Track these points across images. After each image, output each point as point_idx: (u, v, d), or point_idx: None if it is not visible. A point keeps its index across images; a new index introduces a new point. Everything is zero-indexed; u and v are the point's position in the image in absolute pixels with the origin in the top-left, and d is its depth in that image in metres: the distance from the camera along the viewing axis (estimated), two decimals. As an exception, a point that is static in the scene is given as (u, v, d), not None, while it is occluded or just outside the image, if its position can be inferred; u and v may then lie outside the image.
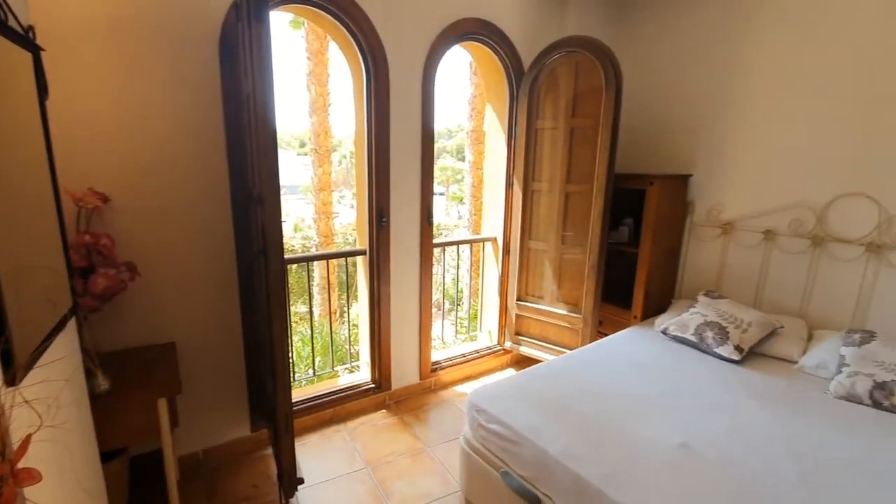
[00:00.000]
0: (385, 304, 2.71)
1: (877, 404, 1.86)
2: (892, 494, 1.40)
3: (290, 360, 2.89)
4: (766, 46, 2.57)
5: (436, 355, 3.20)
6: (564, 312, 3.00)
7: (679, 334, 2.49)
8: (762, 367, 2.25)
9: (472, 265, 5.95)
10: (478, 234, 8.61)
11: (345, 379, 2.90)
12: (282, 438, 1.74)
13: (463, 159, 8.24)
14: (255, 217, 1.76)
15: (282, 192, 1.58)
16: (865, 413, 1.84)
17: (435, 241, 2.93)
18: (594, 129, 2.68)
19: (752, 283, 2.72)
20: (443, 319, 3.67)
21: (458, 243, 3.36)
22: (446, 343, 3.53)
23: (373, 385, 2.81)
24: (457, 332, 3.47)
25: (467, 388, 3.12)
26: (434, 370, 3.07)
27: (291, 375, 2.82)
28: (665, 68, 3.05)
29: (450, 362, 3.17)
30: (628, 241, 3.10)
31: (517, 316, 3.26)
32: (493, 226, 3.35)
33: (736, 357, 2.25)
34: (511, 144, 3.11)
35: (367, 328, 2.81)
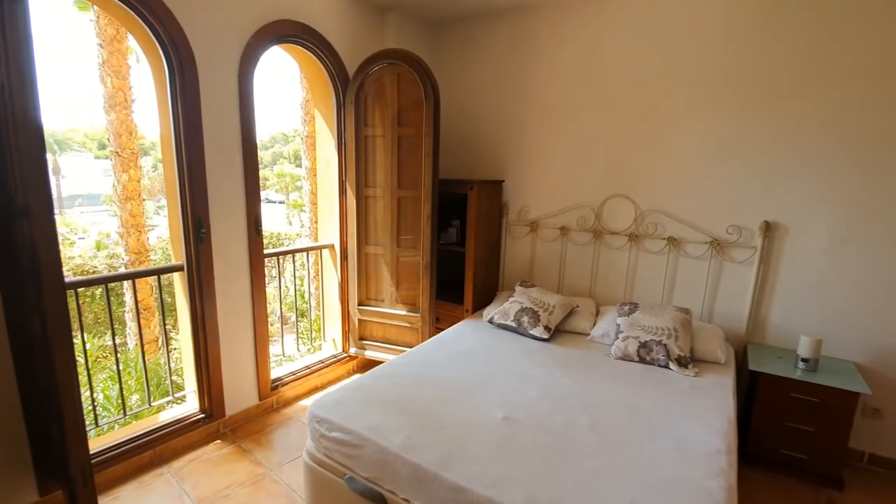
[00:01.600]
0: (211, 325, 2.47)
1: (642, 360, 2.39)
2: (646, 423, 1.81)
3: (93, 403, 2.44)
4: (549, 69, 3.08)
5: (278, 371, 3.03)
6: (404, 313, 3.13)
7: (502, 322, 2.81)
8: (565, 341, 2.68)
9: (315, 274, 5.76)
10: (317, 241, 8.37)
11: (169, 413, 2.55)
12: (80, 497, 1.47)
13: (301, 165, 7.91)
14: (21, 233, 1.45)
15: (78, 203, 1.34)
16: (635, 367, 2.35)
17: (266, 251, 2.78)
18: (419, 138, 2.86)
19: (555, 271, 3.22)
20: (282, 334, 3.50)
21: (292, 252, 3.22)
22: (291, 357, 3.36)
23: (202, 415, 2.53)
24: (298, 345, 3.33)
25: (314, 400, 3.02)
26: (275, 388, 2.90)
27: (95, 419, 2.38)
28: (477, 84, 3.40)
29: (293, 377, 3.03)
30: (457, 241, 3.38)
31: (360, 321, 3.28)
32: (330, 232, 3.31)
33: (545, 336, 2.64)
34: (342, 151, 3.12)
35: (192, 353, 2.52)
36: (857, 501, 2.20)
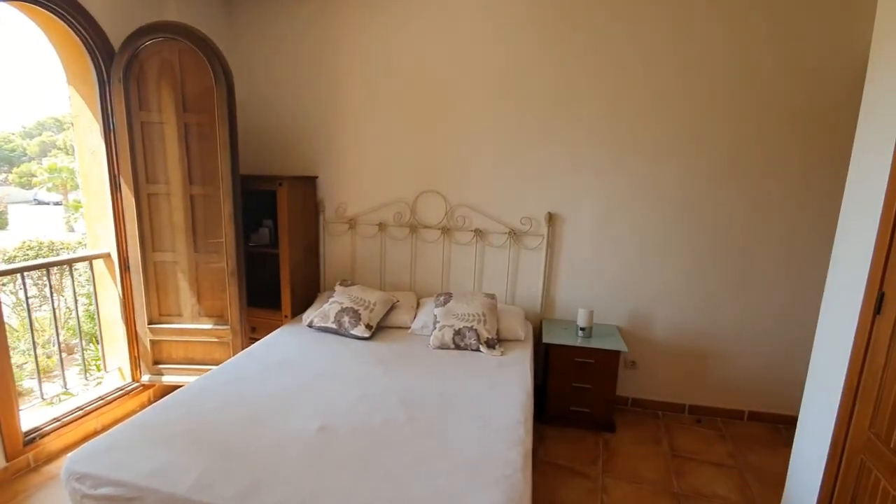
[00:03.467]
0: None
1: (457, 346, 2.53)
2: (457, 407, 1.92)
3: None
4: (354, 60, 3.03)
5: (36, 418, 2.37)
6: (210, 326, 2.76)
7: (322, 324, 2.68)
8: (387, 337, 2.69)
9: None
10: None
11: None
12: None
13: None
14: None
15: None
16: (451, 355, 2.48)
17: (8, 266, 2.14)
18: (211, 126, 2.52)
19: (376, 269, 3.22)
20: (37, 371, 2.77)
21: (43, 266, 2.52)
22: (55, 398, 2.66)
23: None
24: (64, 381, 2.66)
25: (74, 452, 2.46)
26: (31, 441, 2.26)
27: None
28: (283, 71, 3.16)
29: (58, 423, 2.41)
30: (270, 242, 3.11)
31: (153, 342, 2.78)
32: (103, 238, 2.72)
33: (367, 334, 2.61)
34: (110, 139, 2.57)
35: None
36: (624, 438, 2.71)
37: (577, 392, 2.70)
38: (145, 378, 2.81)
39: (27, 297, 2.40)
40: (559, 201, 2.90)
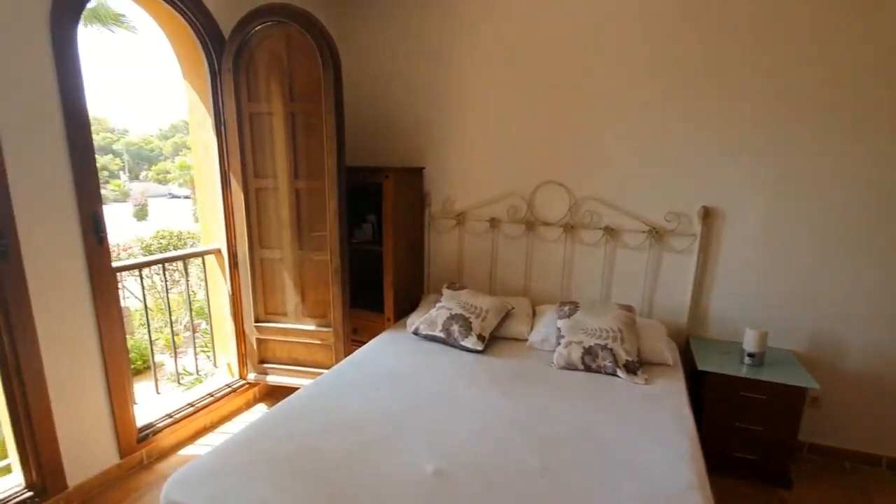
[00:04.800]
0: (31, 371, 1.80)
1: (587, 367, 2.10)
2: (603, 453, 1.51)
3: None
4: (469, 40, 2.69)
5: (149, 414, 2.39)
6: (313, 328, 2.61)
7: (429, 332, 2.41)
8: (501, 350, 2.34)
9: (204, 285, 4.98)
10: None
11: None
12: None
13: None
14: None
15: None
16: (581, 378, 2.06)
17: (119, 262, 2.14)
18: (318, 116, 2.34)
19: (485, 269, 2.88)
20: (152, 365, 2.83)
21: (160, 262, 2.55)
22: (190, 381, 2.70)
23: (30, 493, 1.86)
24: (178, 377, 2.68)
25: (204, 445, 2.43)
26: (145, 437, 2.27)
27: None
28: (390, 57, 2.93)
29: (170, 419, 2.41)
30: (373, 238, 2.91)
31: (259, 341, 2.71)
32: (214, 234, 2.69)
33: (479, 347, 2.28)
34: (221, 133, 2.50)
35: (6, 411, 1.83)
36: (805, 497, 2.10)
37: (741, 434, 2.14)
38: (251, 376, 2.75)
39: (144, 295, 2.41)
40: (716, 193, 2.32)
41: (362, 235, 2.89)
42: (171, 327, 2.72)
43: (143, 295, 2.60)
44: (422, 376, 2.05)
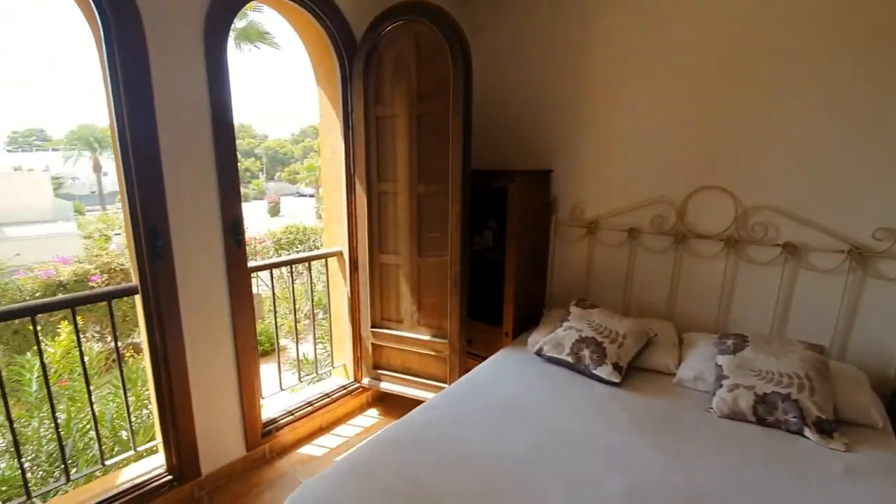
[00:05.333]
0: (176, 360, 1.92)
1: (761, 420, 1.68)
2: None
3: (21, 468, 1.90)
4: (606, 16, 2.36)
5: (271, 409, 2.47)
6: (427, 338, 2.50)
7: (555, 355, 2.14)
8: (642, 385, 1.99)
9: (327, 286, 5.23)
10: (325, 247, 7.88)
11: (131, 471, 2.02)
12: None
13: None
14: None
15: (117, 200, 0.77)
16: (752, 433, 1.65)
17: (254, 262, 2.22)
18: (444, 117, 2.21)
19: (618, 286, 2.52)
20: (279, 361, 2.94)
21: (288, 263, 2.64)
22: (293, 388, 2.78)
23: (169, 476, 1.99)
24: (299, 373, 2.76)
25: (319, 446, 2.46)
26: (268, 433, 2.34)
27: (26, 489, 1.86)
28: (515, 47, 2.72)
29: (290, 416, 2.46)
30: (493, 245, 2.73)
31: (374, 346, 2.68)
32: (338, 237, 2.72)
33: (616, 378, 1.96)
34: (349, 137, 2.50)
35: (154, 396, 1.97)
36: None
37: None
38: (365, 381, 2.73)
39: (274, 293, 2.50)
40: (961, 204, 1.73)
41: (482, 242, 2.72)
42: (295, 315, 2.82)
43: (273, 290, 2.71)
44: (549, 408, 1.80)
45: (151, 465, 2.03)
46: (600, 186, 2.52)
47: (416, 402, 2.01)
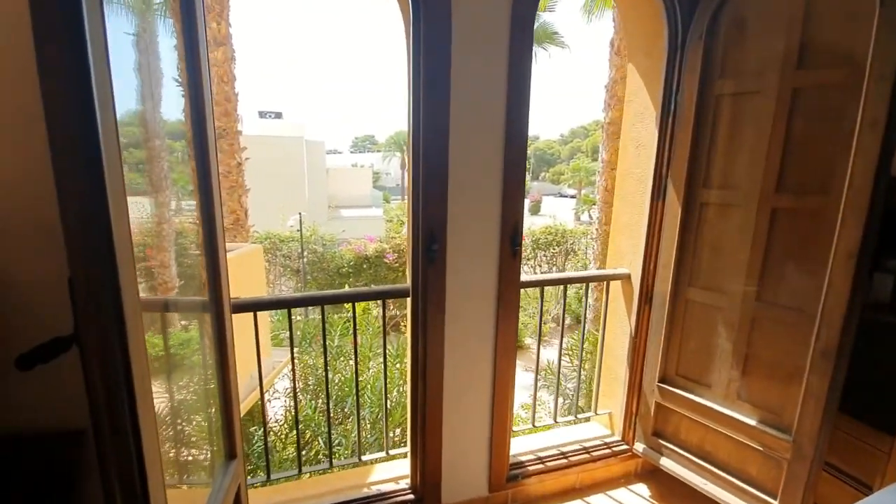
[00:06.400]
0: (433, 371, 1.71)
1: None
2: None
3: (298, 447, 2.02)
4: None
5: (518, 445, 2.11)
6: (753, 422, 1.68)
7: None
8: None
9: (597, 311, 4.63)
10: (604, 260, 7.20)
11: (383, 472, 1.96)
12: None
13: (598, 159, 6.97)
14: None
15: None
16: None
17: (527, 277, 1.86)
18: (846, 89, 1.35)
19: None
20: (533, 402, 2.56)
21: (564, 281, 2.18)
22: (536, 427, 2.36)
23: (412, 496, 1.82)
24: (556, 410, 2.30)
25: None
26: (514, 477, 1.97)
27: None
28: None
29: (540, 465, 2.04)
30: (893, 299, 1.66)
31: (659, 406, 2.00)
32: (625, 255, 2.13)
33: None
34: (666, 125, 1.87)
35: (410, 405, 1.84)
36: None
37: None
38: (638, 447, 2.08)
39: (542, 314, 2.10)
40: None
41: (873, 292, 1.68)
42: (561, 341, 2.37)
43: (541, 310, 2.33)
44: None
45: (399, 471, 1.92)
46: None
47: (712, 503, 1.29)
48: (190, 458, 1.36)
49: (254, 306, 1.62)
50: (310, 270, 8.95)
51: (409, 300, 1.72)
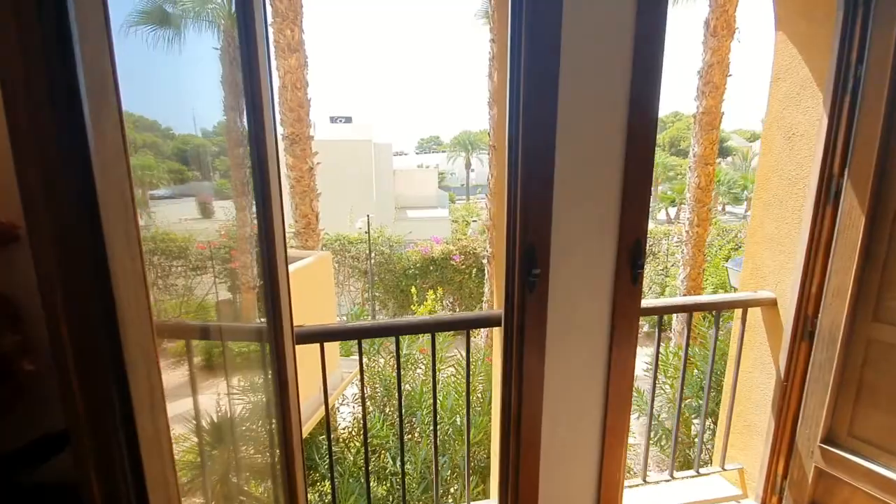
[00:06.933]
0: (529, 418, 1.40)
1: None
2: None
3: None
4: None
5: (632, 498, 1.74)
6: (982, 517, 1.20)
7: None
8: None
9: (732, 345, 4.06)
10: (695, 266, 6.44)
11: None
12: None
13: (679, 153, 6.29)
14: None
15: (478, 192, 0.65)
16: None
17: (647, 302, 1.49)
18: None
19: None
20: (645, 449, 2.16)
21: (691, 308, 1.74)
22: (647, 481, 1.96)
23: (499, 560, 1.52)
24: (672, 464, 1.88)
25: None
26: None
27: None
28: None
29: (656, 530, 1.66)
30: None
31: (820, 472, 1.54)
32: (768, 275, 1.69)
33: None
34: (841, 108, 1.41)
35: (498, 451, 1.54)
36: None
37: None
38: (787, 519, 1.63)
39: (658, 344, 1.71)
40: None
41: None
42: (680, 399, 1.96)
43: (658, 341, 1.93)
44: None
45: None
46: None
47: None
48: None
49: (321, 336, 1.40)
50: (377, 272, 8.96)
51: (497, 331, 1.42)
